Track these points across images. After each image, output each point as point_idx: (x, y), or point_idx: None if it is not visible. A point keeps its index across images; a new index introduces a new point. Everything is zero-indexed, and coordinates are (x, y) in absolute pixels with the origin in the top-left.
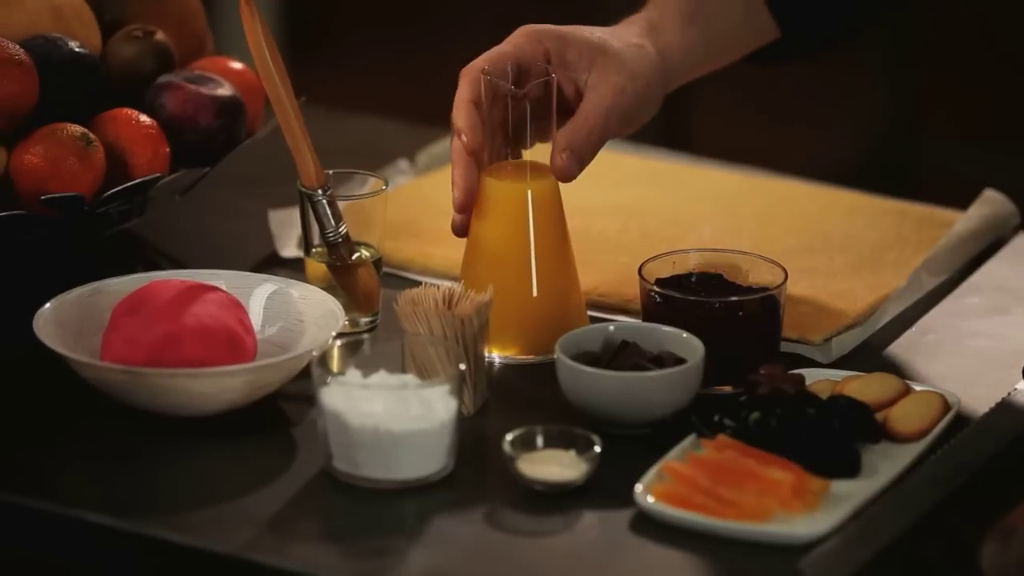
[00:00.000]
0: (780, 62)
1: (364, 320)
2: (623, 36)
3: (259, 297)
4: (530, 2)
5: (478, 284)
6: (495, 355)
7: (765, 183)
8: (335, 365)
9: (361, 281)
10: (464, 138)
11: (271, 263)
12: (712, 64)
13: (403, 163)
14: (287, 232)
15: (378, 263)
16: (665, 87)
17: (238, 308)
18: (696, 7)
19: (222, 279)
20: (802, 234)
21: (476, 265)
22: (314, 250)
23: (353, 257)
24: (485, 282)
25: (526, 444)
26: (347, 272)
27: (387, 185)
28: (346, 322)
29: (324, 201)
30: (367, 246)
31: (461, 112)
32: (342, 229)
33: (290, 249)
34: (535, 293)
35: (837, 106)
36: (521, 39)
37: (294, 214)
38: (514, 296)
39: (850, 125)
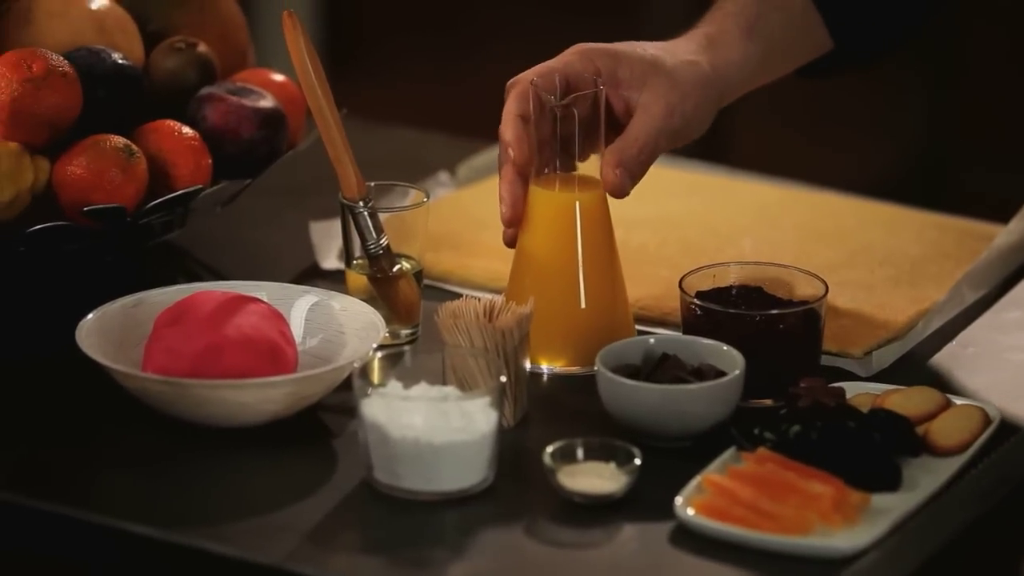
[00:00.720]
0: (830, 75)
1: (405, 332)
2: (677, 52)
3: (300, 309)
4: (567, 12)
5: (525, 295)
6: (544, 366)
7: (805, 196)
8: (376, 377)
9: (402, 293)
10: (511, 152)
11: (312, 275)
12: (767, 77)
13: (443, 175)
14: (328, 244)
15: (419, 275)
16: (719, 103)
17: (279, 320)
18: (754, 20)
19: (263, 291)
20: (843, 247)
21: (523, 276)
22: (355, 262)
23: (394, 269)
24: (533, 293)
25: (566, 456)
26: (388, 284)
27: (428, 197)
28: (386, 334)
29: (365, 213)
30: (408, 258)
31: (509, 126)
32: (383, 241)
33: (331, 261)
34: (583, 304)
35: (877, 119)
36: (572, 56)
37: (335, 226)
38: (562, 307)
39: (890, 138)
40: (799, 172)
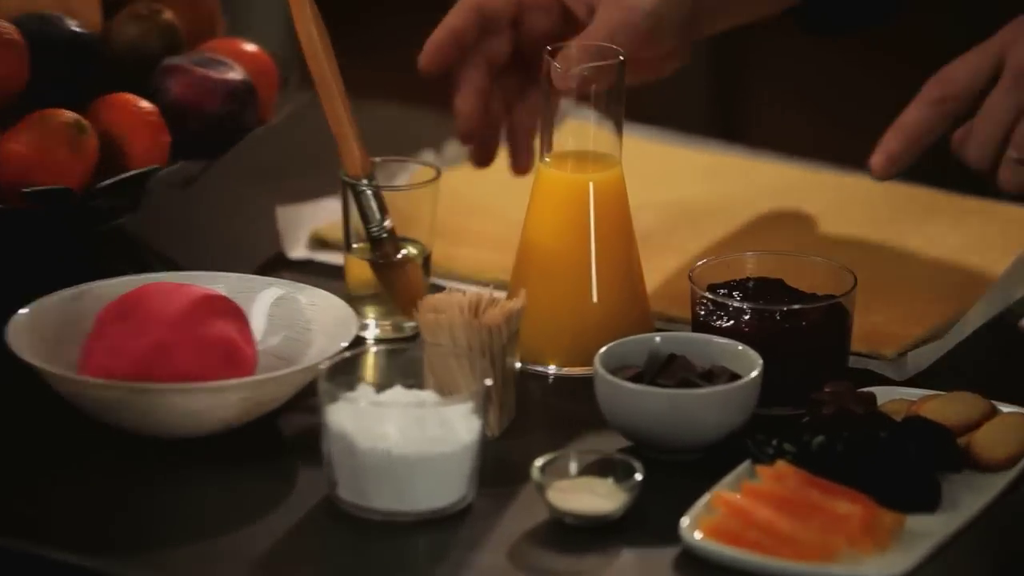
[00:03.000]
0: (827, 31)
1: (409, 325)
2: None
3: (263, 303)
4: None
5: (531, 287)
6: (550, 368)
7: (831, 179)
8: (344, 380)
9: (407, 281)
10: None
11: (278, 265)
12: (745, 11)
13: (428, 154)
14: (296, 231)
15: (427, 261)
16: (691, 21)
17: (238, 315)
18: None
19: (222, 283)
20: (874, 235)
21: (528, 266)
22: (356, 246)
23: (399, 255)
24: (539, 285)
25: (557, 471)
26: (392, 271)
27: (439, 174)
28: (389, 326)
29: (369, 192)
30: (414, 242)
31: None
32: (387, 223)
33: (299, 250)
34: (595, 299)
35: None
36: None
37: (304, 210)
38: (571, 302)
39: None
40: (824, 154)
